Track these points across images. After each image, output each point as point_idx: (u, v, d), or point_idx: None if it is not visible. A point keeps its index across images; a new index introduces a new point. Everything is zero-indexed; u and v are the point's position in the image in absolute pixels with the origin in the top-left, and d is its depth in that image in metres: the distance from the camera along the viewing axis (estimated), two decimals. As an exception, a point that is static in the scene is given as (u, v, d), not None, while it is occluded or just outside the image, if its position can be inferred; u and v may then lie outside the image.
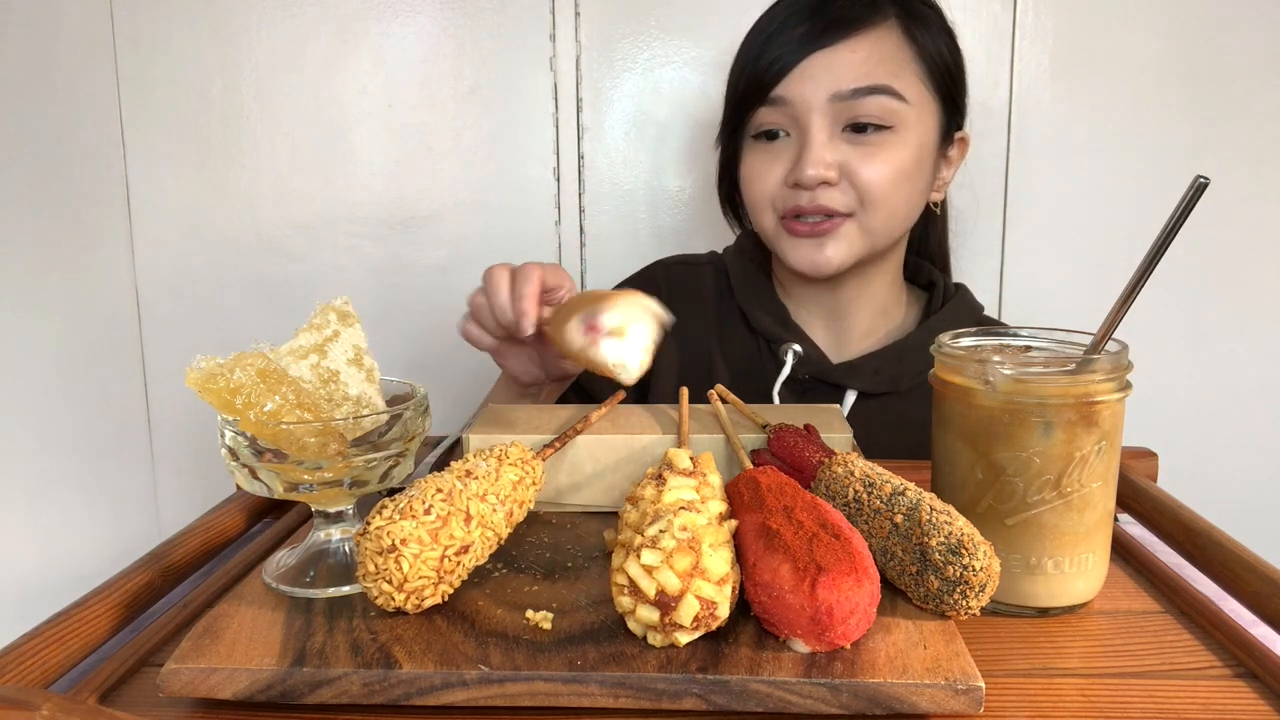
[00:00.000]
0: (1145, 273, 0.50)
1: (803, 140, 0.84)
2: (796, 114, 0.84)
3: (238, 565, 0.60)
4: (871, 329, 0.96)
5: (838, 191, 0.85)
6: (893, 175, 0.84)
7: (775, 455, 0.59)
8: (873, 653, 0.44)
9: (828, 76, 0.83)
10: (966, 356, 0.53)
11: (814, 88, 0.83)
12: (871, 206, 0.85)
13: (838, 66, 0.83)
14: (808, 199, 0.85)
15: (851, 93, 0.82)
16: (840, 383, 0.92)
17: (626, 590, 0.44)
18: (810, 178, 0.83)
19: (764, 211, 0.89)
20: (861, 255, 0.88)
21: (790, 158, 0.86)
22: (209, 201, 1.26)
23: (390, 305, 1.27)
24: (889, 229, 0.88)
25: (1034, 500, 0.51)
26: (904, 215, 0.89)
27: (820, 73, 0.83)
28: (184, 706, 0.45)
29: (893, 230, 0.89)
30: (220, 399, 0.49)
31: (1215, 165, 1.17)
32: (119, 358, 1.30)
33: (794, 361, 0.92)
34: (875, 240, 0.88)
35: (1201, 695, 0.45)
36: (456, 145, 1.24)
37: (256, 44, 1.22)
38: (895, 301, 0.98)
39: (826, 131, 0.84)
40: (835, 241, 0.86)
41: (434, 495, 0.49)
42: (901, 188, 0.85)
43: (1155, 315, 1.18)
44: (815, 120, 0.84)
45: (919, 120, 0.86)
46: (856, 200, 0.85)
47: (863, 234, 0.87)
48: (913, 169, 0.86)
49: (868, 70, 0.83)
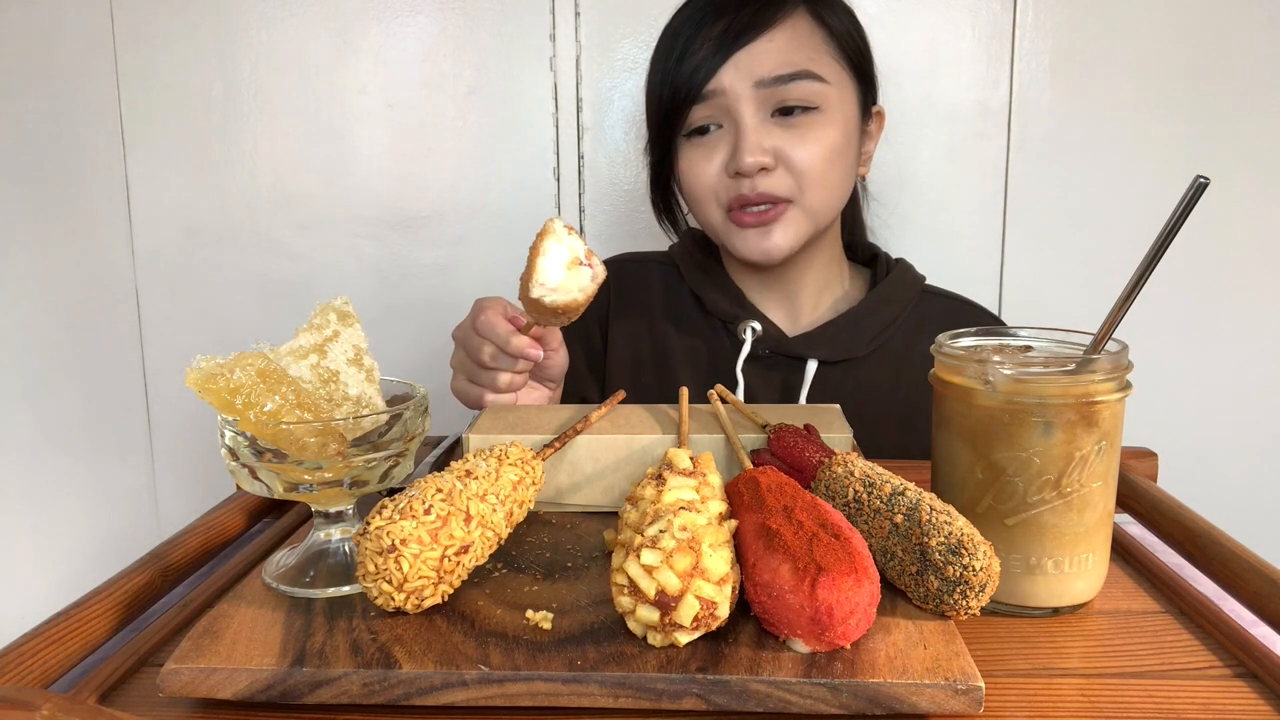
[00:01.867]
0: (1145, 273, 0.50)
1: (736, 129, 0.87)
2: (727, 104, 0.87)
3: (238, 565, 0.60)
4: (819, 302, 1.00)
5: (776, 177, 0.88)
6: (825, 154, 0.88)
7: (775, 455, 0.59)
8: (873, 653, 0.44)
9: (751, 67, 0.86)
10: (966, 356, 0.53)
11: (738, 78, 0.86)
12: (810, 188, 0.88)
13: (759, 58, 0.86)
14: (749, 186, 0.88)
15: (774, 80, 0.86)
16: (800, 354, 0.95)
17: (626, 590, 0.44)
18: (749, 165, 0.86)
19: (708, 205, 0.92)
20: (806, 237, 0.91)
21: (726, 148, 0.89)
22: (209, 201, 1.26)
23: (390, 305, 1.27)
24: (828, 207, 0.91)
25: (1034, 500, 0.51)
26: (840, 192, 0.92)
27: (744, 65, 0.86)
28: (184, 706, 0.45)
29: (831, 208, 0.92)
30: (220, 399, 0.49)
31: (1215, 165, 1.17)
32: (119, 357, 1.30)
33: (753, 338, 0.95)
34: (817, 220, 0.91)
35: (1201, 695, 0.45)
36: (456, 145, 1.24)
37: (256, 44, 1.22)
38: (838, 275, 1.01)
39: (756, 117, 0.87)
40: (781, 228, 0.89)
41: (434, 495, 0.49)
42: (835, 165, 0.89)
43: (1155, 315, 1.18)
44: (745, 108, 0.86)
45: (841, 99, 0.89)
46: (795, 185, 0.88)
47: (805, 216, 0.90)
48: (842, 146, 0.89)
49: (787, 58, 0.86)
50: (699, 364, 0.99)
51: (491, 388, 0.77)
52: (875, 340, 0.95)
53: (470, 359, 0.78)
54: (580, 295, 0.70)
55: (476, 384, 0.78)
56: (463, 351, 0.79)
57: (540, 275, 0.69)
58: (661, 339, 1.00)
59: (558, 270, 0.69)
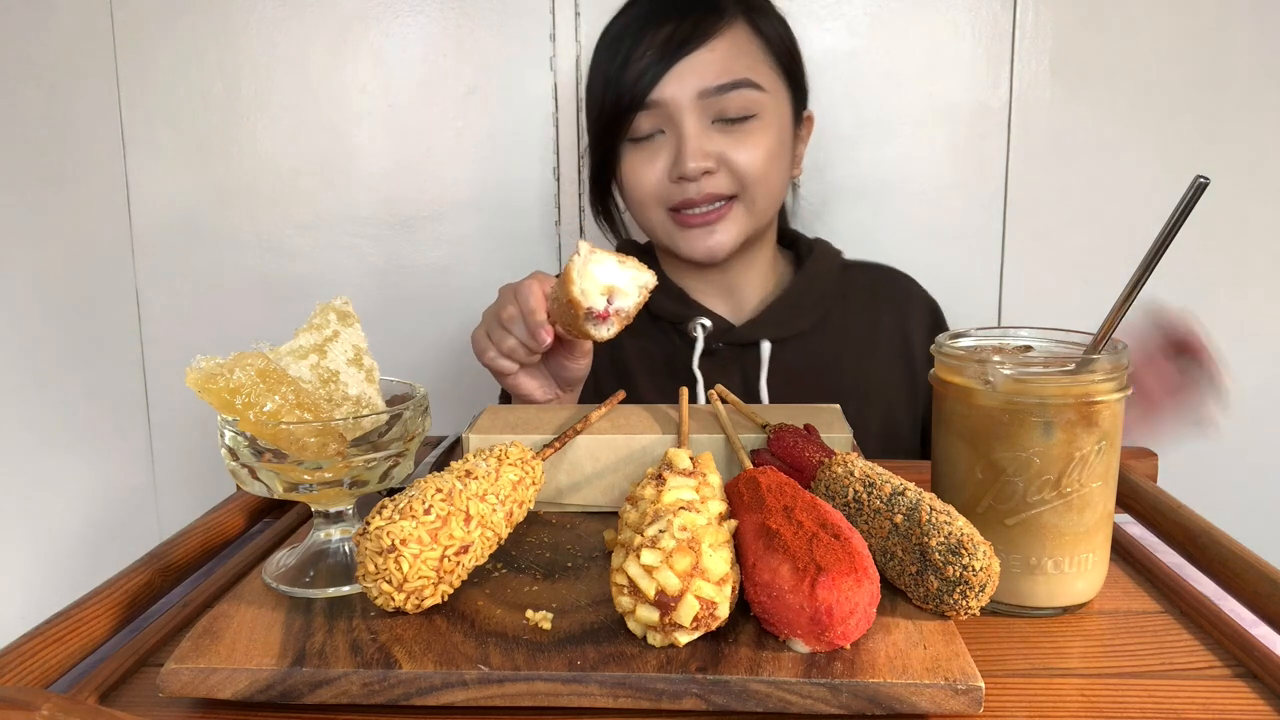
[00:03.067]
0: (1145, 273, 0.50)
1: (679, 136, 0.90)
2: (670, 113, 0.90)
3: (238, 565, 0.60)
4: (761, 292, 1.03)
5: (719, 178, 0.91)
6: (765, 157, 0.91)
7: (775, 455, 0.59)
8: (872, 653, 0.44)
9: (694, 78, 0.89)
10: (966, 356, 0.53)
11: (681, 88, 0.89)
12: (752, 187, 0.92)
13: (700, 68, 0.89)
14: (695, 189, 0.91)
15: (716, 89, 0.89)
16: (752, 338, 0.98)
17: (626, 590, 0.44)
18: (692, 170, 0.89)
19: (650, 208, 0.94)
20: (748, 234, 0.95)
21: (668, 154, 0.92)
22: (209, 201, 1.26)
23: (390, 305, 1.27)
24: (768, 206, 0.95)
25: (1034, 500, 0.51)
26: (778, 192, 0.97)
27: (687, 74, 0.89)
28: (184, 706, 0.45)
29: (770, 207, 0.96)
30: (220, 399, 0.49)
31: (1215, 165, 1.17)
32: (119, 357, 1.30)
33: (704, 334, 0.97)
34: (758, 219, 0.95)
35: (1201, 695, 0.45)
36: (456, 145, 1.24)
37: (256, 44, 1.22)
38: (774, 265, 1.05)
39: (698, 125, 0.90)
40: (725, 226, 0.93)
41: (434, 495, 0.49)
42: (773, 167, 0.93)
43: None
44: (687, 118, 0.89)
45: (776, 105, 0.93)
46: (738, 184, 0.91)
47: (747, 214, 0.94)
48: (779, 149, 0.93)
49: (727, 67, 0.89)
50: (655, 367, 1.00)
51: (496, 346, 0.78)
52: (813, 313, 0.98)
53: (495, 312, 0.79)
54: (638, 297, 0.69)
55: (489, 337, 0.79)
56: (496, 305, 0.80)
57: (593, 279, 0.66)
58: (615, 348, 1.00)
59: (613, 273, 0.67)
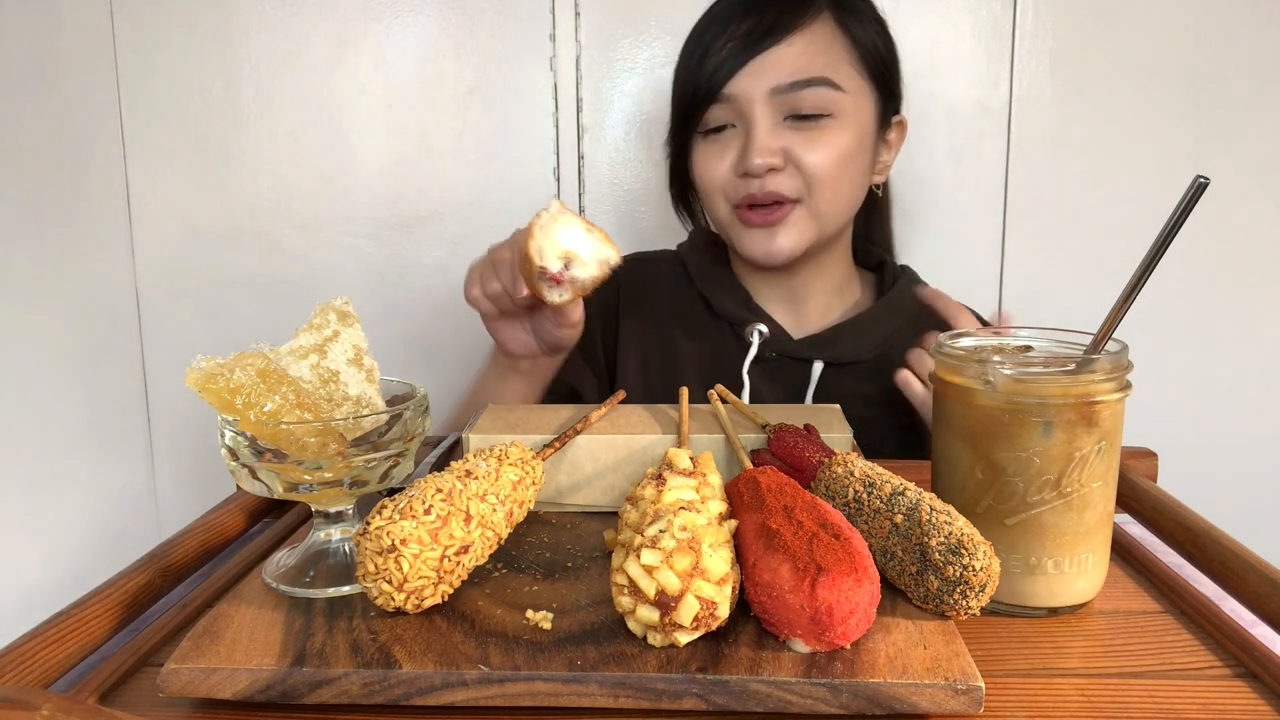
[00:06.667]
0: (1145, 273, 0.50)
1: (747, 131, 0.88)
2: (740, 108, 0.88)
3: (238, 565, 0.60)
4: (828, 309, 1.00)
5: (785, 177, 0.88)
6: (836, 158, 0.88)
7: (775, 455, 0.59)
8: (873, 653, 0.44)
9: (769, 73, 0.87)
10: (966, 356, 0.53)
11: (755, 83, 0.87)
12: (818, 190, 0.89)
13: (777, 63, 0.87)
14: (758, 186, 0.88)
15: (790, 86, 0.86)
16: (807, 356, 0.96)
17: (626, 590, 0.44)
18: (757, 166, 0.87)
19: (717, 200, 0.93)
20: (812, 241, 0.92)
21: (737, 148, 0.90)
22: (209, 201, 1.26)
23: (390, 305, 1.27)
24: (835, 212, 0.91)
25: (1034, 500, 0.51)
26: (849, 198, 0.92)
27: (761, 70, 0.87)
28: (184, 706, 0.45)
29: (839, 213, 0.92)
30: (220, 399, 0.49)
31: (1215, 165, 1.17)
32: (119, 357, 1.30)
33: (760, 341, 0.96)
34: (824, 225, 0.91)
35: (1201, 695, 0.45)
36: (456, 145, 1.24)
37: (256, 44, 1.22)
38: (849, 281, 1.02)
39: (769, 121, 0.88)
40: (786, 230, 0.90)
41: (434, 495, 0.49)
42: (845, 171, 0.89)
43: (1155, 315, 1.18)
44: (757, 111, 0.87)
45: (857, 107, 0.90)
46: (804, 185, 0.89)
47: (811, 219, 0.90)
48: (854, 153, 0.90)
49: (804, 64, 0.87)
50: (705, 366, 0.99)
51: (482, 285, 0.81)
52: (879, 346, 0.95)
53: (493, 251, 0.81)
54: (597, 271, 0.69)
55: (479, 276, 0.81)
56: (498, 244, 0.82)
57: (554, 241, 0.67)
58: (669, 341, 1.00)
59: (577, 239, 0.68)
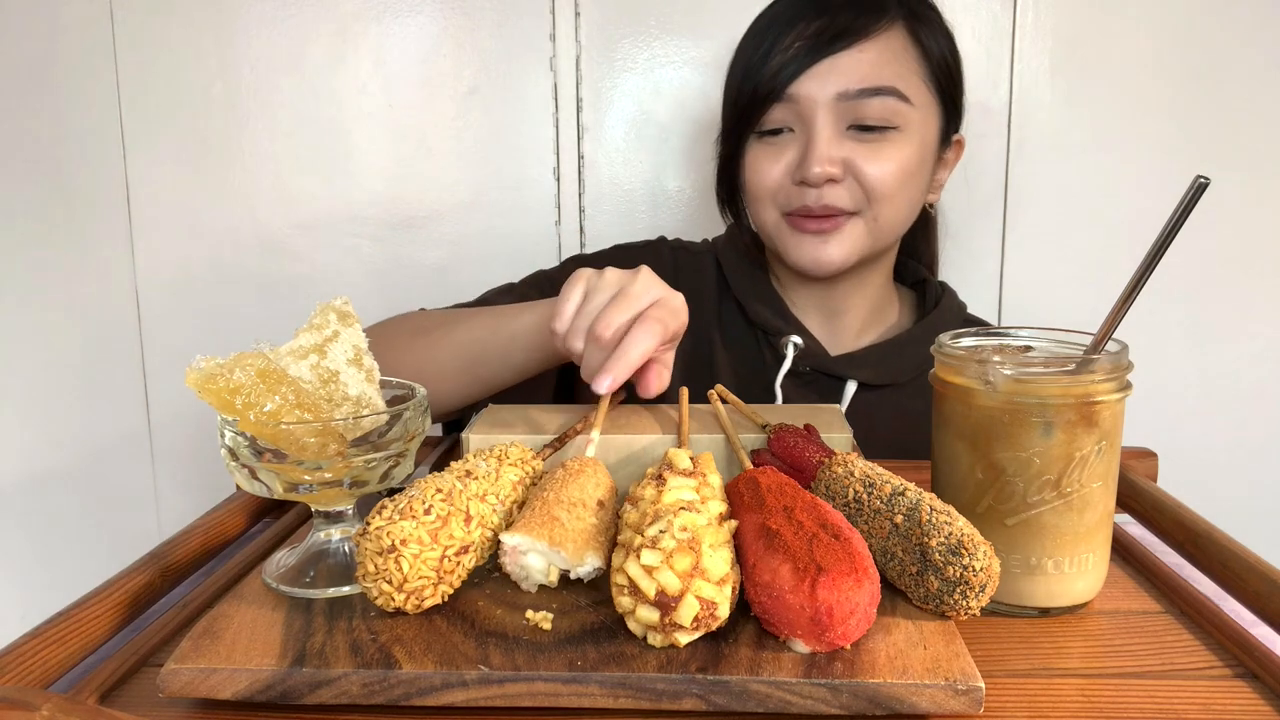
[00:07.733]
0: (1145, 273, 0.50)
1: (808, 137, 0.84)
2: (802, 111, 0.84)
3: (238, 565, 0.60)
4: (867, 325, 0.97)
5: (843, 189, 0.85)
6: (898, 172, 0.84)
7: (775, 455, 0.59)
8: (873, 653, 0.44)
9: (836, 78, 0.83)
10: (966, 356, 0.53)
11: (821, 87, 0.83)
12: (878, 203, 0.85)
13: (845, 69, 0.83)
14: (814, 198, 0.84)
15: (858, 93, 0.83)
16: (842, 374, 0.92)
17: (626, 590, 0.44)
18: (816, 175, 0.83)
19: (765, 205, 0.89)
20: (864, 254, 0.88)
21: (795, 152, 0.86)
22: (209, 201, 1.26)
23: (390, 305, 1.27)
24: (892, 228, 0.88)
25: (1034, 500, 0.51)
26: (906, 214, 0.89)
27: (829, 74, 0.83)
28: (184, 706, 0.45)
29: (895, 229, 0.89)
30: (220, 399, 0.49)
31: (1215, 165, 1.17)
32: (119, 358, 1.30)
33: (794, 354, 0.92)
34: (877, 240, 0.88)
35: (1201, 695, 0.45)
36: (456, 145, 1.24)
37: (256, 44, 1.21)
38: (889, 299, 0.99)
39: (831, 128, 0.84)
40: (839, 239, 0.86)
41: (434, 495, 0.49)
42: (905, 186, 0.86)
43: (1155, 315, 1.18)
44: (820, 117, 0.83)
45: (922, 121, 0.86)
46: (863, 198, 0.85)
47: (867, 232, 0.87)
48: (916, 168, 0.86)
49: (874, 71, 0.83)
50: (739, 374, 0.95)
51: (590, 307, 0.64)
52: (918, 369, 0.92)
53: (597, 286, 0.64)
54: None
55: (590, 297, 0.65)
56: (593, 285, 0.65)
57: None
58: (708, 343, 0.97)
59: None
